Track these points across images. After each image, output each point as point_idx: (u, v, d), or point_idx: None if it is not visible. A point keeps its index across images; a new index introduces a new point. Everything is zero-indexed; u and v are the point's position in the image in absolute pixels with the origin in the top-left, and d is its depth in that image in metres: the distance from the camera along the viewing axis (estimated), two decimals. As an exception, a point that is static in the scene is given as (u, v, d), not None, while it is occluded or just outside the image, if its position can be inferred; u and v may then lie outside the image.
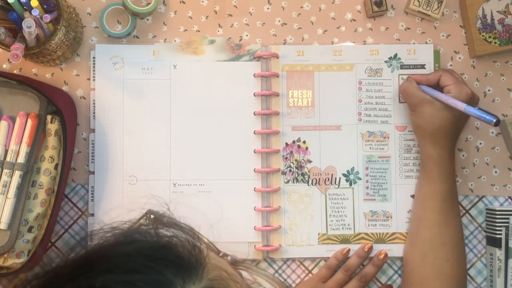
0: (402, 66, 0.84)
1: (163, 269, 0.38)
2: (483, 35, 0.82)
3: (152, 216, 0.48)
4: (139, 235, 0.42)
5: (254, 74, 0.83)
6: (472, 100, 0.76)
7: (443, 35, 0.85)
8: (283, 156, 0.83)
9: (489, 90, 0.85)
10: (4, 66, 0.84)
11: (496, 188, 0.85)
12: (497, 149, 0.85)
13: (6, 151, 0.75)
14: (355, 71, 0.84)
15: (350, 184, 0.84)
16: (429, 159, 0.78)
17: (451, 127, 0.77)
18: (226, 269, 0.43)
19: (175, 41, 0.84)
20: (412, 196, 0.83)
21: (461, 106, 0.74)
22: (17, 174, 0.74)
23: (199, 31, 0.85)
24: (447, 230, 0.78)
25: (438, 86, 0.79)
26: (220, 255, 0.50)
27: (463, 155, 0.85)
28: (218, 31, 0.85)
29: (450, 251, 0.78)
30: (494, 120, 0.70)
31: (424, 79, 0.79)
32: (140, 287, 0.36)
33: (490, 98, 0.85)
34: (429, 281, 0.78)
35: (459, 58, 0.85)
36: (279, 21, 0.85)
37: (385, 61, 0.84)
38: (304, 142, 0.84)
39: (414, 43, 0.85)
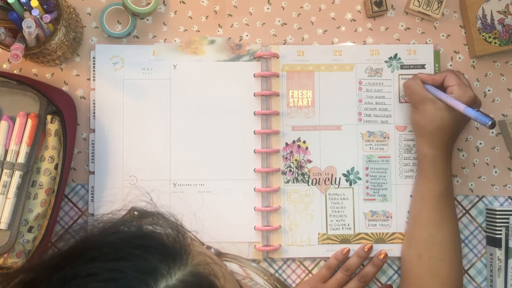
0: (402, 66, 0.84)
1: (149, 256, 0.39)
2: (483, 35, 0.82)
3: (136, 213, 0.49)
4: (123, 226, 0.43)
5: (254, 74, 0.83)
6: (475, 104, 0.76)
7: (443, 35, 0.85)
8: (283, 156, 0.83)
9: (489, 90, 0.85)
10: (4, 66, 0.84)
11: (496, 188, 0.85)
12: (497, 149, 0.85)
13: (6, 151, 0.75)
14: (355, 71, 0.84)
15: (350, 184, 0.84)
16: (425, 159, 0.79)
17: (450, 128, 0.77)
18: (210, 255, 0.44)
19: (175, 41, 0.84)
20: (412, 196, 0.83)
21: (461, 106, 0.74)
22: (17, 174, 0.74)
23: (199, 31, 0.85)
24: (442, 230, 0.78)
25: (443, 87, 0.79)
26: (204, 247, 0.50)
27: (463, 155, 0.85)
28: (218, 31, 0.85)
29: (446, 251, 0.78)
30: (489, 123, 0.71)
31: (429, 79, 0.79)
32: (127, 273, 0.37)
33: (490, 98, 0.85)
34: (425, 281, 0.78)
35: (459, 58, 0.85)
36: (279, 21, 0.85)
37: (385, 61, 0.84)
38: (304, 142, 0.84)
39: (414, 43, 0.85)
